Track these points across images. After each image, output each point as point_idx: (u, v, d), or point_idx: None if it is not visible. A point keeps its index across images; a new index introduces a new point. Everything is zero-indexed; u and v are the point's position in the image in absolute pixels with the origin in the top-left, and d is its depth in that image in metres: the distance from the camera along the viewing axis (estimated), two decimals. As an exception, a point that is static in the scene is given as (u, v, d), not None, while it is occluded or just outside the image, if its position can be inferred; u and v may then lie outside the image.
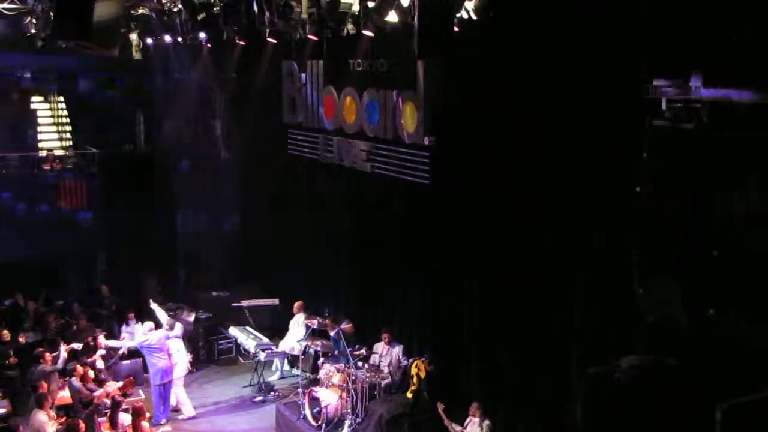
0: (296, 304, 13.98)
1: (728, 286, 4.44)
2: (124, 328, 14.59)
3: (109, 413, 10.97)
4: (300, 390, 12.32)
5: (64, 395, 11.81)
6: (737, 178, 4.55)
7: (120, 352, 13.55)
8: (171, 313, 15.48)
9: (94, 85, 18.48)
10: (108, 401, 11.14)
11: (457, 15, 8.69)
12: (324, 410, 11.38)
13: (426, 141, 11.10)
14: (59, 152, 17.67)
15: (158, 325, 12.72)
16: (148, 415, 10.89)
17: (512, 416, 9.94)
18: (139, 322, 14.54)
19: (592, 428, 2.18)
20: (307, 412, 11.62)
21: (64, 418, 10.78)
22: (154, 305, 13.48)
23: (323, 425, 11.32)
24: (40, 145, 17.79)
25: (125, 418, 10.90)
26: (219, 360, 14.80)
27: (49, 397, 10.87)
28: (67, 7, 7.24)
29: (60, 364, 12.27)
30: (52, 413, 10.83)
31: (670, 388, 2.15)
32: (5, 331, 13.35)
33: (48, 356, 12.17)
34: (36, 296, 15.79)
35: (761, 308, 4.41)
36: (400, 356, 11.82)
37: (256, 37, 12.17)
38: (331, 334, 12.68)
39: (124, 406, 11.30)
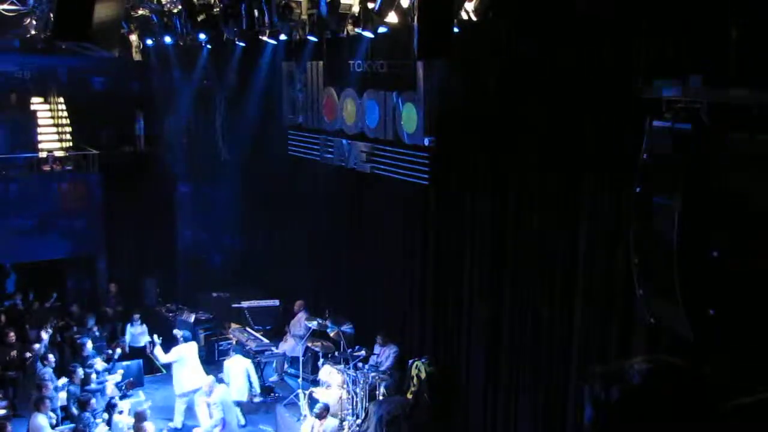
0: (297, 304, 14.01)
1: (728, 287, 4.44)
2: (128, 327, 14.62)
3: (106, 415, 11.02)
4: (300, 391, 12.32)
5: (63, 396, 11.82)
6: (738, 177, 4.54)
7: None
8: (171, 314, 15.54)
9: (94, 86, 18.45)
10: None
11: (457, 16, 8.69)
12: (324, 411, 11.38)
13: (426, 142, 11.10)
14: (59, 153, 17.64)
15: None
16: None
17: (513, 416, 9.93)
18: (144, 324, 14.60)
19: (601, 430, 2.17)
20: (307, 413, 11.62)
21: None
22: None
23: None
24: (40, 146, 17.75)
25: (124, 419, 10.91)
26: (219, 361, 14.79)
27: (47, 400, 10.86)
28: (67, 8, 7.24)
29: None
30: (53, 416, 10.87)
31: (682, 390, 2.15)
32: (11, 333, 13.37)
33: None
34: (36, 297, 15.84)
35: (761, 309, 4.41)
36: (391, 357, 11.83)
37: (256, 38, 12.16)
38: (332, 335, 12.69)
39: (122, 408, 11.32)
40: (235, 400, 12.22)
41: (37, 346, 12.69)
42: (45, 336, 12.93)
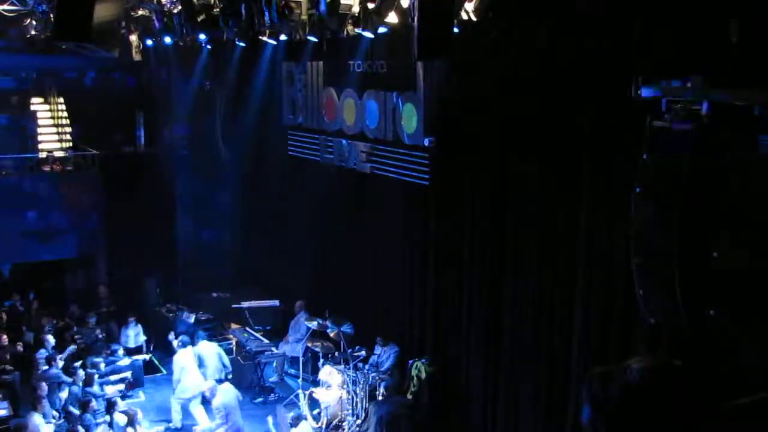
0: (297, 304, 14.01)
1: (728, 287, 4.44)
2: (123, 330, 14.59)
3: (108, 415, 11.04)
4: (300, 391, 12.33)
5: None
6: (738, 178, 4.54)
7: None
8: (171, 314, 15.54)
9: (94, 86, 18.47)
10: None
11: (457, 16, 8.68)
12: (324, 411, 11.39)
13: (426, 142, 11.10)
14: (59, 153, 17.65)
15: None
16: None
17: (513, 416, 9.93)
18: (138, 325, 14.60)
19: (599, 429, 2.18)
20: (307, 413, 11.62)
21: None
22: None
23: (323, 426, 11.32)
24: (40, 146, 17.77)
25: (122, 420, 10.92)
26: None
27: (43, 399, 10.88)
28: (67, 8, 7.24)
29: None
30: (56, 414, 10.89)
31: (682, 390, 2.15)
32: (4, 336, 13.37)
33: None
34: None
35: (761, 309, 4.41)
36: (392, 358, 11.85)
37: (256, 39, 12.17)
38: (332, 335, 12.69)
39: (123, 408, 11.33)
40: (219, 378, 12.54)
41: (42, 351, 12.65)
42: (52, 339, 12.91)
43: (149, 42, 14.19)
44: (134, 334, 14.51)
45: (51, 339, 12.93)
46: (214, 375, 12.51)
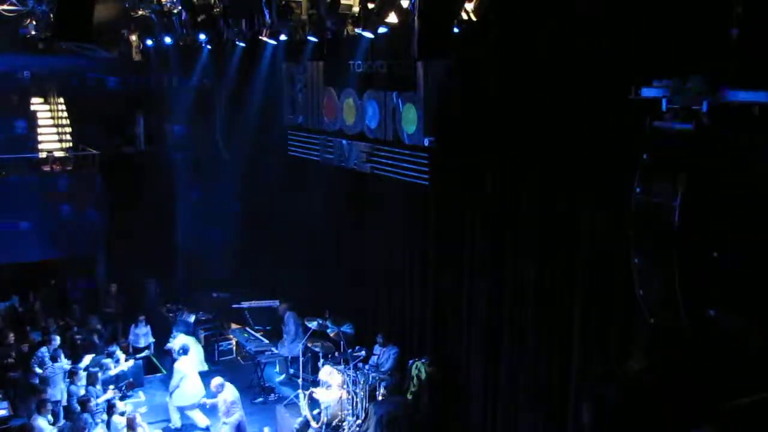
0: (280, 307, 14.11)
1: (728, 287, 4.44)
2: (132, 329, 14.63)
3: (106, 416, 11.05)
4: (300, 391, 12.32)
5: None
6: (737, 178, 4.55)
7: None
8: (171, 314, 15.56)
9: (94, 86, 18.48)
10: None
11: (457, 16, 8.69)
12: (324, 411, 11.39)
13: (426, 142, 11.11)
14: (59, 153, 17.66)
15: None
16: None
17: (513, 416, 9.93)
18: (148, 325, 14.64)
19: (601, 429, 2.18)
20: (307, 413, 11.62)
21: None
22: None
23: (323, 426, 11.32)
24: (40, 146, 17.78)
25: (121, 421, 10.91)
26: (219, 361, 14.81)
27: (48, 402, 10.90)
28: (67, 8, 7.25)
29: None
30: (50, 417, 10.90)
31: (682, 389, 2.16)
32: (11, 334, 13.38)
33: None
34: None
35: (761, 308, 4.41)
36: (392, 358, 11.85)
37: (256, 39, 12.18)
38: (332, 335, 12.70)
39: (122, 409, 11.33)
40: (201, 370, 12.84)
41: (44, 349, 12.63)
42: (59, 339, 12.95)
43: (149, 42, 14.20)
44: (143, 334, 14.53)
45: (58, 339, 12.94)
46: (199, 367, 12.62)
